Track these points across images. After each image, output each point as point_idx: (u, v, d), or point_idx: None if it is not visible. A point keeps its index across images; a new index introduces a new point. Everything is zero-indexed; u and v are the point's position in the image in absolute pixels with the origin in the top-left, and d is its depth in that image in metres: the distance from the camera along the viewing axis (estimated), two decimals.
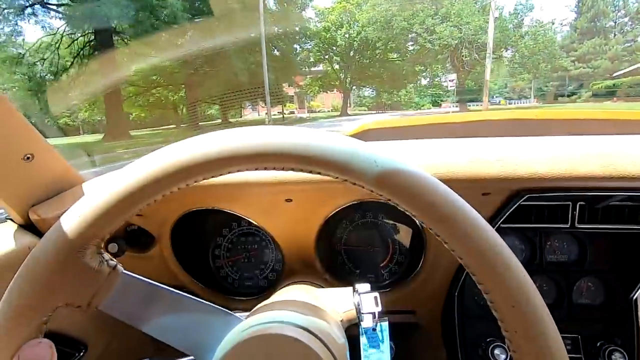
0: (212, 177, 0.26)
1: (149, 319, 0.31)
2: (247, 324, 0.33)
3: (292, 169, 0.26)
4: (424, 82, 40.26)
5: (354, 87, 30.05)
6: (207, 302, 0.33)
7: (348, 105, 30.65)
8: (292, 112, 33.45)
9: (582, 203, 0.56)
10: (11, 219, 0.58)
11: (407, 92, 37.31)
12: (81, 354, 0.60)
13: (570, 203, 0.57)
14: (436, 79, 44.53)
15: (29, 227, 0.57)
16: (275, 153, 0.25)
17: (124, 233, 0.62)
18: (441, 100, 43.55)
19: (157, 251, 0.64)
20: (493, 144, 0.60)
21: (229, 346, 0.30)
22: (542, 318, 0.24)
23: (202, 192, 0.59)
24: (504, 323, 0.25)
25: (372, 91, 34.09)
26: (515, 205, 0.55)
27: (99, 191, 0.26)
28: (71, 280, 0.27)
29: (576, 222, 0.57)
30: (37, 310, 0.26)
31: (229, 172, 0.26)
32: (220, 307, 0.34)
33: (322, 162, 0.25)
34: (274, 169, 0.26)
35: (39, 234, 0.57)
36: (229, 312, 0.34)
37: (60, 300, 0.27)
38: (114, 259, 0.30)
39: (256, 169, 0.26)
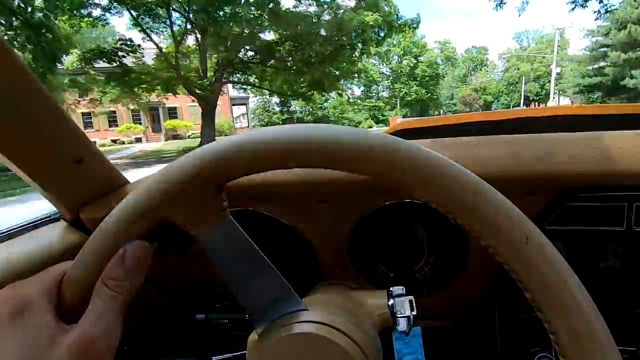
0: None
1: (231, 266, 0.33)
2: (289, 319, 0.35)
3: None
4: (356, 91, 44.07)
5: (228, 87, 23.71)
6: (284, 280, 0.34)
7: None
8: (139, 139, 26.67)
9: (639, 203, 0.51)
10: (63, 218, 0.63)
11: (338, 100, 38.83)
12: (125, 347, 0.63)
13: (626, 203, 0.51)
14: (373, 88, 47.46)
15: (79, 225, 0.62)
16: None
17: (164, 232, 0.58)
18: (382, 116, 43.77)
19: (196, 250, 0.65)
20: (538, 140, 0.55)
21: (270, 338, 0.33)
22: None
23: (236, 193, 0.58)
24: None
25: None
26: (563, 207, 0.51)
27: (247, 137, 0.28)
28: (189, 203, 0.29)
29: (632, 224, 0.52)
30: (153, 216, 0.29)
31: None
32: (294, 291, 0.35)
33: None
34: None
35: (87, 232, 0.62)
36: (299, 297, 0.36)
37: (174, 215, 0.29)
38: (226, 201, 0.32)
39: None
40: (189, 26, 14.62)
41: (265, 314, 0.35)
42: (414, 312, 0.45)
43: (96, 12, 12.97)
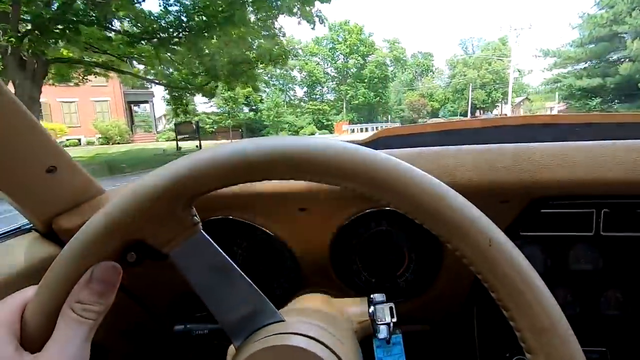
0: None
1: (205, 281, 0.35)
2: (266, 331, 0.36)
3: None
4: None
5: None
6: (260, 293, 0.37)
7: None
8: None
9: (606, 210, 0.59)
10: (35, 229, 0.64)
11: (274, 101, 39.28)
12: None
13: (594, 210, 0.59)
14: (317, 89, 48.17)
15: (52, 236, 0.63)
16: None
17: (143, 242, 0.69)
18: (327, 120, 43.03)
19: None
20: (511, 150, 0.62)
21: (246, 353, 0.34)
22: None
23: (216, 202, 0.64)
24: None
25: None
26: (536, 214, 0.58)
27: (214, 152, 0.29)
28: (159, 221, 0.30)
29: (601, 229, 0.60)
30: (122, 236, 0.30)
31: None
32: (269, 302, 0.38)
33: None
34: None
35: (61, 243, 0.63)
36: (274, 308, 0.38)
37: (144, 234, 0.31)
38: (197, 215, 0.33)
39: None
40: None
41: (242, 327, 0.37)
42: (394, 319, 0.50)
43: None
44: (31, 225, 0.65)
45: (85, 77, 13.17)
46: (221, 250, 0.35)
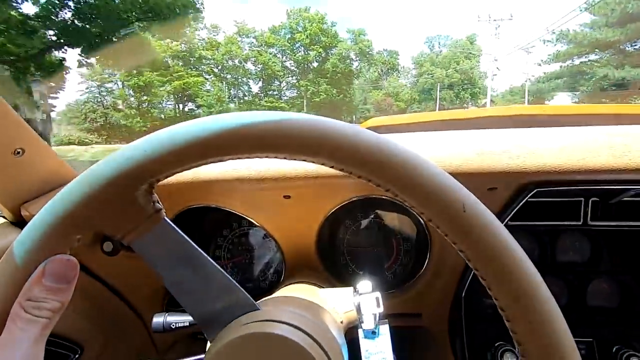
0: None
1: (173, 273, 0.34)
2: (240, 321, 0.36)
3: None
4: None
5: None
6: (232, 280, 0.37)
7: None
8: None
9: (595, 199, 0.62)
10: (2, 216, 0.65)
11: (215, 95, 36.94)
12: (76, 355, 0.66)
13: (582, 199, 0.62)
14: (274, 84, 47.05)
15: (21, 224, 0.63)
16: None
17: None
18: None
19: None
20: (499, 135, 0.64)
21: (220, 343, 0.34)
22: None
23: (199, 189, 0.65)
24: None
25: None
26: (524, 201, 0.60)
27: (170, 133, 0.28)
28: (116, 209, 0.30)
29: (589, 219, 0.62)
30: (78, 228, 0.29)
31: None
32: (242, 289, 0.37)
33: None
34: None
35: None
36: (249, 297, 0.38)
37: (100, 225, 0.30)
38: (160, 202, 0.33)
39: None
40: None
41: (216, 320, 0.37)
42: (381, 309, 0.52)
43: None
44: None
45: None
46: (189, 239, 0.34)
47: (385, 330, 0.51)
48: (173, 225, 0.34)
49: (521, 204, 0.60)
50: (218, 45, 40.85)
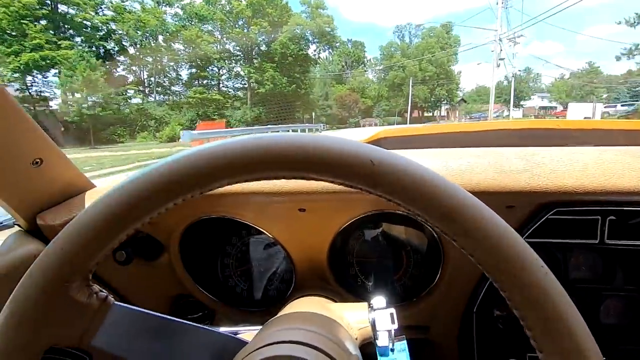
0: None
1: (147, 351, 0.34)
2: (254, 345, 0.37)
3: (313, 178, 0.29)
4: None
5: None
6: (206, 328, 0.38)
7: None
8: None
9: (612, 218, 0.62)
10: (18, 225, 0.67)
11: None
12: None
13: (599, 217, 0.62)
14: (211, 71, 39.75)
15: (36, 233, 0.65)
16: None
17: (133, 240, 0.69)
18: (220, 116, 35.67)
19: (166, 260, 0.73)
20: (519, 154, 0.66)
21: None
22: (586, 343, 0.27)
23: (213, 200, 0.68)
24: (539, 344, 0.27)
25: None
26: (543, 219, 0.62)
27: (81, 219, 0.29)
28: (59, 318, 0.30)
29: (605, 237, 0.62)
30: (27, 355, 0.29)
31: (211, 189, 0.29)
32: (220, 332, 0.39)
33: (342, 173, 0.28)
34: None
35: (46, 240, 0.65)
36: (230, 335, 0.39)
37: (49, 341, 0.30)
38: (104, 291, 0.33)
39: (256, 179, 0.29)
40: None
41: None
42: (395, 326, 0.52)
43: None
44: (14, 220, 0.67)
45: None
46: (145, 310, 0.35)
47: (403, 347, 0.52)
48: (126, 305, 0.34)
49: (540, 222, 0.63)
50: (122, 11, 30.39)
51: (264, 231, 0.75)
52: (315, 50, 47.36)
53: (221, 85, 41.10)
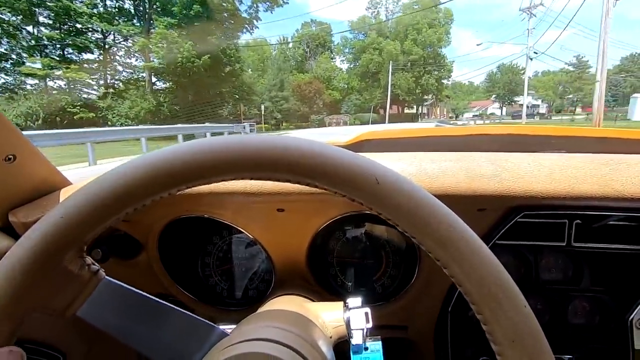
0: (199, 185, 0.35)
1: (130, 329, 0.41)
2: (230, 340, 0.44)
3: (289, 181, 0.36)
4: None
5: None
6: (191, 314, 0.45)
7: None
8: None
9: (578, 221, 0.78)
10: None
11: None
12: None
13: (566, 221, 0.79)
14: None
15: (8, 230, 0.75)
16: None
17: (109, 239, 0.81)
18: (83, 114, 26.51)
19: (144, 258, 0.86)
20: (490, 159, 0.78)
21: None
22: (543, 351, 0.34)
23: (192, 199, 0.79)
24: (501, 357, 0.34)
25: None
26: (512, 222, 0.76)
27: (85, 192, 0.34)
28: (48, 285, 0.35)
29: (572, 240, 0.79)
30: (10, 316, 0.34)
31: (217, 182, 0.36)
32: (204, 320, 0.45)
33: (321, 175, 0.34)
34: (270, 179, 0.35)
35: (17, 237, 0.73)
36: (214, 325, 0.46)
37: (35, 306, 0.35)
38: (96, 263, 0.40)
39: (251, 179, 0.36)
40: None
41: (191, 357, 0.43)
42: (370, 325, 0.62)
43: None
44: None
45: None
46: (133, 289, 0.42)
47: (377, 347, 0.63)
48: (115, 281, 0.41)
49: (509, 225, 0.76)
50: None
51: (244, 231, 0.85)
52: (250, 10, 37.05)
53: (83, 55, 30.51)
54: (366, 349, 0.62)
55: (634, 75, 57.77)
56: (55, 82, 30.34)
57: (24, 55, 29.10)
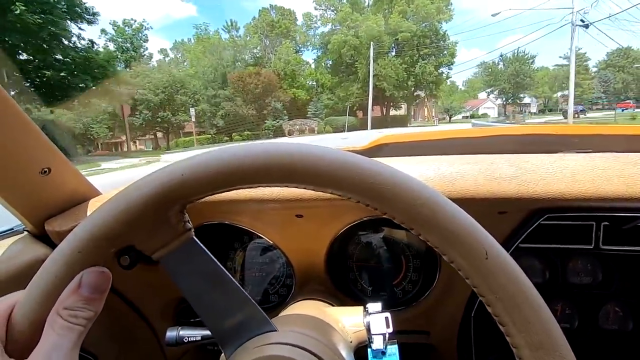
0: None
1: (197, 289, 0.51)
2: (253, 343, 0.52)
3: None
4: None
5: None
6: (254, 302, 0.53)
7: None
8: None
9: (606, 223, 0.85)
10: (28, 231, 0.90)
11: None
12: None
13: (594, 223, 0.86)
14: None
15: (44, 238, 0.89)
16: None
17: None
18: None
19: None
20: (510, 160, 0.84)
21: None
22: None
23: (213, 207, 0.92)
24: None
25: None
26: (534, 225, 0.82)
27: (206, 162, 0.42)
28: (150, 226, 0.44)
29: (601, 243, 0.87)
30: (113, 241, 0.43)
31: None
32: (262, 312, 0.54)
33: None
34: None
35: (53, 245, 0.87)
36: (267, 317, 0.55)
37: (134, 239, 0.44)
38: (190, 222, 0.47)
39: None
40: None
41: (233, 336, 0.53)
42: (390, 330, 0.70)
43: None
44: (24, 227, 0.90)
45: None
46: (213, 257, 0.50)
47: (394, 350, 0.71)
48: (200, 244, 0.49)
49: (532, 228, 0.83)
50: None
51: (264, 237, 0.96)
52: None
53: None
54: (383, 353, 0.71)
55: (625, 70, 57.80)
56: None
57: None
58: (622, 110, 46.07)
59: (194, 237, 0.49)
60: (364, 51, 41.69)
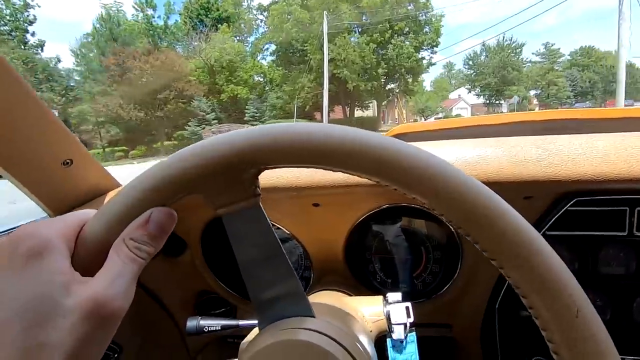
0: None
1: (248, 254, 0.57)
2: (290, 323, 0.57)
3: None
4: None
5: None
6: (298, 281, 0.58)
7: None
8: None
9: None
10: None
11: None
12: (116, 355, 1.02)
13: (627, 208, 0.88)
14: None
15: None
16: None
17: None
18: None
19: (188, 256, 1.12)
20: (535, 142, 0.86)
21: (253, 349, 0.56)
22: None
23: None
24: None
25: None
26: (562, 211, 0.85)
27: (292, 135, 0.47)
28: (224, 182, 0.49)
29: (635, 229, 0.89)
30: (184, 187, 0.48)
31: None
32: (304, 293, 0.59)
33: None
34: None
35: None
36: (309, 303, 0.61)
37: (205, 189, 0.49)
38: (259, 187, 0.52)
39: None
40: None
41: (271, 309, 0.59)
42: (411, 319, 0.75)
43: None
44: (47, 217, 0.91)
45: None
46: (274, 232, 0.55)
47: (412, 338, 0.77)
48: (265, 214, 0.53)
49: (559, 213, 0.86)
50: None
51: (280, 226, 1.01)
52: None
53: None
54: (402, 342, 0.77)
55: (591, 69, 59.19)
56: None
57: None
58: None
59: (260, 203, 0.54)
60: (316, 27, 33.97)
